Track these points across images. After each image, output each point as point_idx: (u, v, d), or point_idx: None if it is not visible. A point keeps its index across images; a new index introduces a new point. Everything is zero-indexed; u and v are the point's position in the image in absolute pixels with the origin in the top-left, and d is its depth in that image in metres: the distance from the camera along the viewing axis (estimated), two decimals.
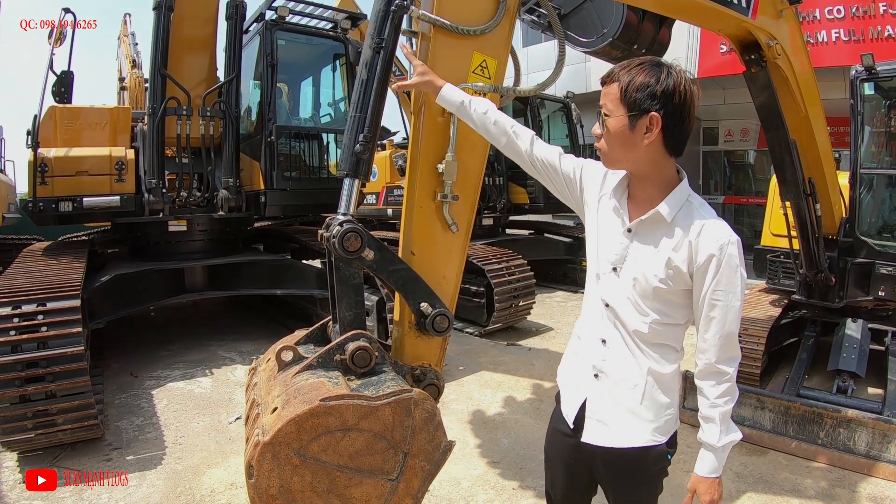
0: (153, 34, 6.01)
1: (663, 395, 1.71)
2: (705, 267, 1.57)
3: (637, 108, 1.56)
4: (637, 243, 1.68)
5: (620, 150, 1.63)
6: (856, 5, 9.78)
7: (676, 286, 1.63)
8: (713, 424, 1.64)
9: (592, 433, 1.77)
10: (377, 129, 2.02)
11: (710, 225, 1.58)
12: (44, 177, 5.87)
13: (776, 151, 4.23)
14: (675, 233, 1.62)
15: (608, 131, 1.63)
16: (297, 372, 1.89)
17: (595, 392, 1.77)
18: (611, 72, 1.64)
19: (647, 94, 1.55)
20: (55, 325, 3.96)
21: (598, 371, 1.76)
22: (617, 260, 1.71)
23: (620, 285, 1.70)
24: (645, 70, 1.57)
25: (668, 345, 1.70)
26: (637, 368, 1.70)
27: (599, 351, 1.76)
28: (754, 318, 5.02)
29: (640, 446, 1.72)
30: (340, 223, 1.88)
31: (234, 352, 6.43)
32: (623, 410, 1.72)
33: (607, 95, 1.63)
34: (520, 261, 7.33)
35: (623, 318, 1.70)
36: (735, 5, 3.30)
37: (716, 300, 1.58)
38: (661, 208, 1.62)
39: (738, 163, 15.31)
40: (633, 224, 1.69)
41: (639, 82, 1.56)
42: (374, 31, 2.03)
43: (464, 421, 4.56)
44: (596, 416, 1.76)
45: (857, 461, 3.78)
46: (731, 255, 1.56)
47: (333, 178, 7.24)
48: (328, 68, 7.88)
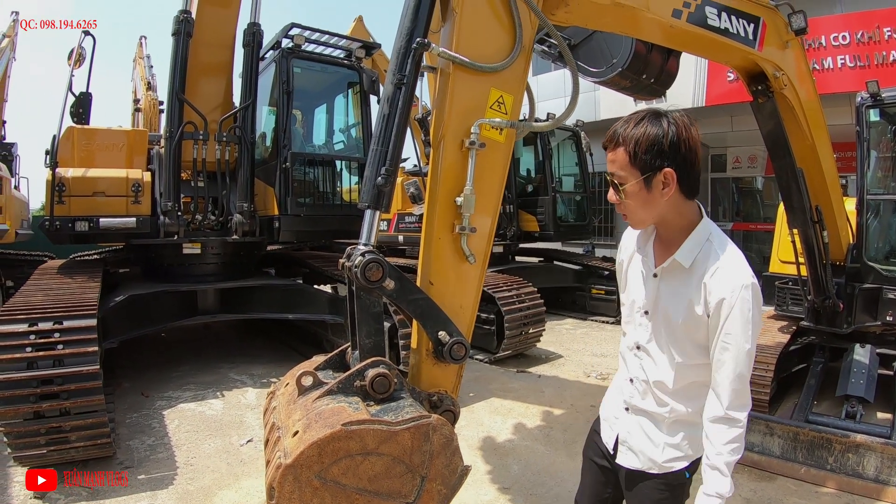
0: (171, 59, 6.16)
1: (688, 428, 1.80)
2: (717, 310, 1.60)
3: (650, 169, 1.61)
4: (664, 288, 1.77)
5: (643, 210, 1.69)
6: (861, 31, 9.88)
7: (699, 328, 1.67)
8: (718, 474, 1.63)
9: (624, 457, 1.91)
10: (398, 163, 2.09)
11: (725, 268, 1.62)
12: (61, 196, 6.00)
13: (783, 179, 4.28)
14: (693, 275, 1.68)
15: (626, 197, 1.67)
16: (317, 397, 1.93)
17: (625, 424, 1.92)
18: (613, 135, 1.67)
19: (655, 153, 1.59)
20: (71, 343, 4.02)
21: (629, 405, 1.91)
22: (647, 304, 1.82)
23: (651, 328, 1.81)
24: (646, 127, 1.60)
25: (695, 382, 1.76)
26: (662, 406, 1.81)
27: (628, 388, 1.91)
28: (763, 344, 5.03)
29: (665, 473, 1.82)
30: (362, 253, 1.94)
31: (245, 375, 6.47)
32: (650, 443, 1.84)
33: (615, 162, 1.66)
34: (530, 288, 7.37)
35: (654, 357, 1.80)
36: (741, 38, 3.38)
37: (727, 343, 1.61)
38: (679, 256, 1.69)
39: (747, 189, 15.35)
40: (657, 270, 1.78)
41: (645, 143, 1.59)
42: (395, 68, 2.10)
43: (474, 447, 4.58)
44: (627, 444, 1.91)
45: (867, 486, 3.78)
46: (745, 300, 1.57)
47: (346, 204, 7.36)
48: (342, 96, 8.02)
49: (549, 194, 9.96)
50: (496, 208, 2.25)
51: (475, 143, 2.09)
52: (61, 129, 6.19)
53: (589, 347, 8.12)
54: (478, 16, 2.16)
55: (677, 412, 1.78)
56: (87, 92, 7.71)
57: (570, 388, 6.18)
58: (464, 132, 2.11)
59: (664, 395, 1.79)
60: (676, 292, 1.72)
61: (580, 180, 11.06)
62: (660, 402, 1.81)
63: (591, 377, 6.61)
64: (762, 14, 3.45)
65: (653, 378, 1.80)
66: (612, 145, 1.67)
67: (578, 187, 11.11)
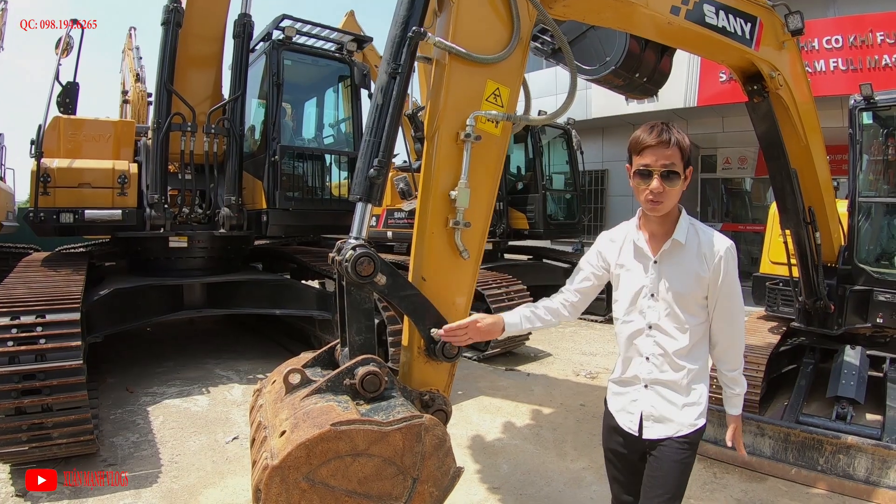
0: (160, 50, 6.06)
1: (700, 385, 2.09)
2: (718, 266, 2.02)
3: (687, 165, 2.02)
4: (665, 268, 2.08)
5: (676, 197, 2.03)
6: (853, 35, 9.93)
7: (702, 291, 2.05)
8: (737, 397, 2.18)
9: (651, 430, 2.10)
10: (391, 155, 2.04)
11: (713, 236, 2.07)
12: (46, 187, 5.90)
13: (777, 180, 4.28)
14: (690, 250, 2.05)
15: (678, 186, 2.00)
16: (305, 395, 1.89)
17: (648, 399, 2.11)
18: (667, 137, 1.97)
19: (689, 155, 2.03)
20: (54, 337, 3.94)
21: (647, 382, 2.11)
22: (652, 287, 2.09)
23: (660, 306, 2.07)
24: (677, 131, 2.00)
25: (700, 340, 2.10)
26: (679, 370, 2.07)
27: (646, 366, 2.11)
28: (753, 345, 5.03)
29: (689, 433, 2.06)
30: (353, 247, 1.89)
31: (232, 371, 6.39)
32: (674, 408, 2.07)
33: (672, 157, 1.97)
34: (519, 286, 7.34)
35: (667, 331, 2.07)
36: (738, 37, 3.36)
37: (729, 287, 2.03)
38: (678, 236, 2.05)
39: (736, 190, 15.42)
40: (657, 256, 2.09)
41: (687, 147, 2.01)
42: (390, 57, 2.05)
43: (463, 446, 4.53)
44: (652, 417, 2.10)
45: (857, 487, 3.78)
46: (733, 255, 2.05)
47: (335, 199, 7.27)
48: (332, 89, 7.93)
49: (540, 192, 9.91)
50: (491, 203, 2.21)
51: (470, 135, 2.05)
52: (47, 118, 6.08)
53: (578, 346, 8.11)
54: (475, 6, 2.12)
55: (692, 371, 2.06)
56: (74, 82, 7.58)
57: (560, 387, 6.15)
58: (459, 124, 2.07)
59: (680, 359, 2.05)
60: (678, 267, 2.05)
61: (570, 178, 11.03)
62: (677, 367, 2.06)
63: (581, 375, 6.59)
64: (759, 14, 3.44)
65: (670, 348, 2.06)
66: (671, 146, 1.97)
67: (569, 185, 11.09)
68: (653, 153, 1.97)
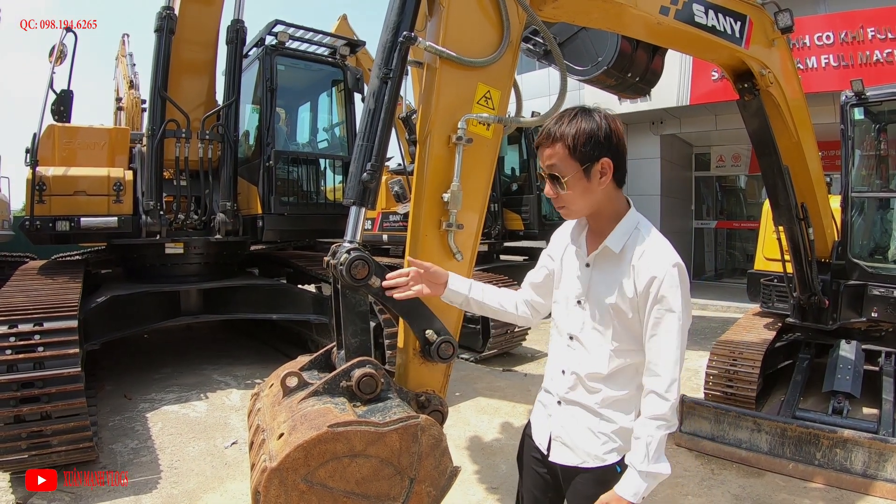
0: (154, 56, 6.07)
1: (619, 416, 1.78)
2: (647, 288, 1.65)
3: (589, 159, 1.69)
4: (596, 275, 1.80)
5: (581, 200, 1.74)
6: (844, 31, 9.95)
7: (630, 311, 1.71)
8: (640, 444, 1.66)
9: (558, 454, 1.87)
10: (384, 159, 2.06)
11: (653, 250, 1.69)
12: (41, 195, 5.89)
13: (769, 177, 4.31)
14: (623, 260, 1.73)
15: (567, 188, 1.72)
16: (302, 398, 1.90)
17: (559, 418, 1.88)
18: (548, 133, 1.73)
19: (593, 144, 1.68)
20: (52, 345, 3.95)
21: (561, 399, 1.87)
22: (581, 293, 1.84)
23: (584, 316, 1.81)
24: (581, 122, 1.69)
25: (625, 367, 1.77)
26: (594, 393, 1.79)
27: (560, 380, 1.88)
28: (749, 341, 5.06)
29: (600, 466, 1.78)
30: (348, 251, 1.90)
31: (229, 376, 6.39)
32: (583, 433, 1.81)
33: (553, 156, 1.72)
34: (515, 287, 7.31)
35: (587, 346, 1.80)
36: (728, 35, 3.38)
37: (659, 318, 1.66)
38: (609, 242, 1.74)
39: (730, 188, 15.44)
40: (590, 258, 1.82)
41: (583, 135, 1.68)
42: (381, 62, 2.06)
43: (461, 447, 4.55)
44: (560, 439, 1.87)
45: (854, 480, 3.81)
46: (673, 276, 1.64)
47: (330, 203, 7.29)
48: (326, 94, 7.94)
49: (534, 193, 9.93)
50: (483, 205, 2.22)
51: (462, 138, 2.06)
52: (42, 127, 6.07)
53: None
54: (465, 10, 2.14)
55: (609, 398, 1.77)
56: (68, 89, 7.56)
57: None
58: (451, 127, 2.09)
59: (596, 382, 1.78)
60: (608, 278, 1.76)
61: None
62: (591, 389, 1.79)
63: None
64: (749, 12, 3.46)
65: (585, 365, 1.80)
66: (549, 142, 1.73)
67: None
68: (540, 153, 1.77)
